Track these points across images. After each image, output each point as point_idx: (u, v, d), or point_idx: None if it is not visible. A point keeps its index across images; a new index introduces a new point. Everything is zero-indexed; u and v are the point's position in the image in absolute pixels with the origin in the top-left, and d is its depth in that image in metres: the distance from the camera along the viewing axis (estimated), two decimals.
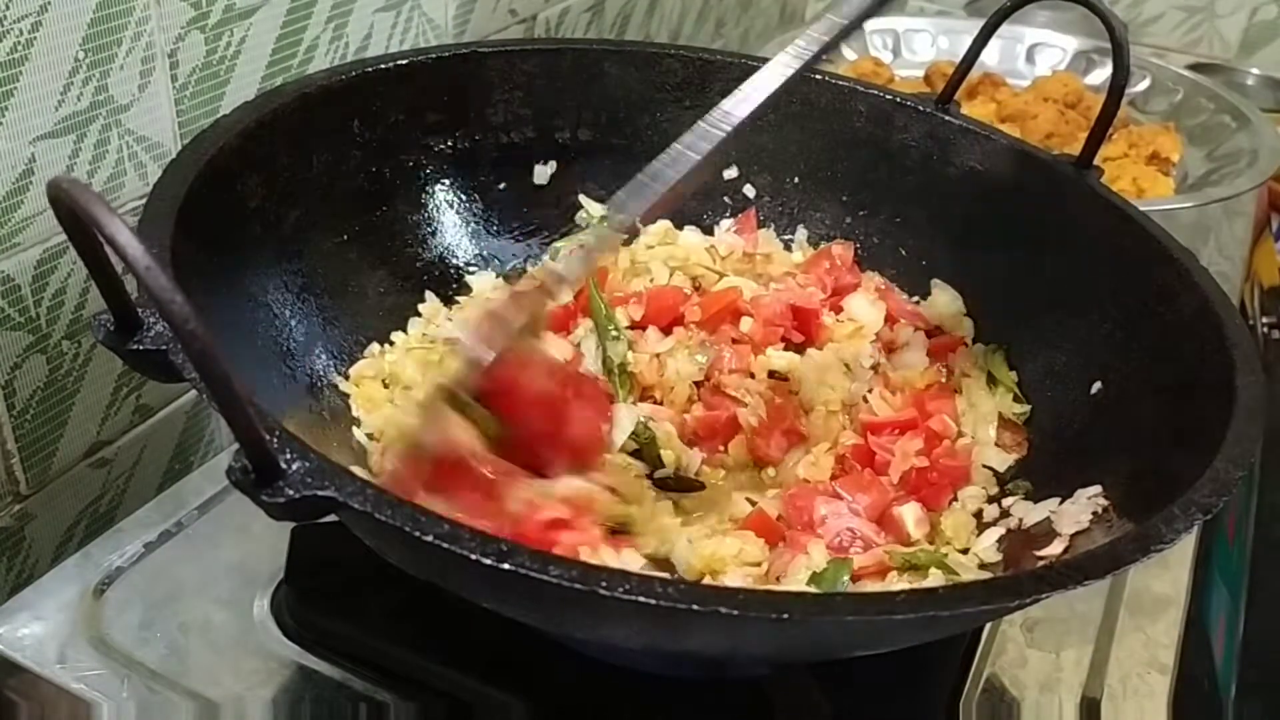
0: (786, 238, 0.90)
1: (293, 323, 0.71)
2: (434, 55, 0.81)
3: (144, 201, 0.60)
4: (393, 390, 0.75)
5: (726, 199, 0.90)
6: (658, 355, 0.77)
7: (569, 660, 0.64)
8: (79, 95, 0.71)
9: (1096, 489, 0.65)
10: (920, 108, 0.86)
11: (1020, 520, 0.68)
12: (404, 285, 0.81)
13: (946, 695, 0.68)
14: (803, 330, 0.80)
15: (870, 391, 0.77)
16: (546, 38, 1.14)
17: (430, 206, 0.83)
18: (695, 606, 0.44)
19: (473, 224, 0.85)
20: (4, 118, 0.67)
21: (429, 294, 0.82)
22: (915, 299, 0.85)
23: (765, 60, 0.64)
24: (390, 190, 0.80)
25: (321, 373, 0.72)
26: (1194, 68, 1.45)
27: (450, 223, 0.84)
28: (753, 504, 0.70)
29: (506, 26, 1.09)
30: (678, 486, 0.73)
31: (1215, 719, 0.86)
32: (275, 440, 0.45)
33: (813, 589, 0.63)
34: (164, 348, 0.49)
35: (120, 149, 0.75)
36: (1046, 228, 0.79)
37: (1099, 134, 0.78)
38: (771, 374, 0.77)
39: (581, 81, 0.86)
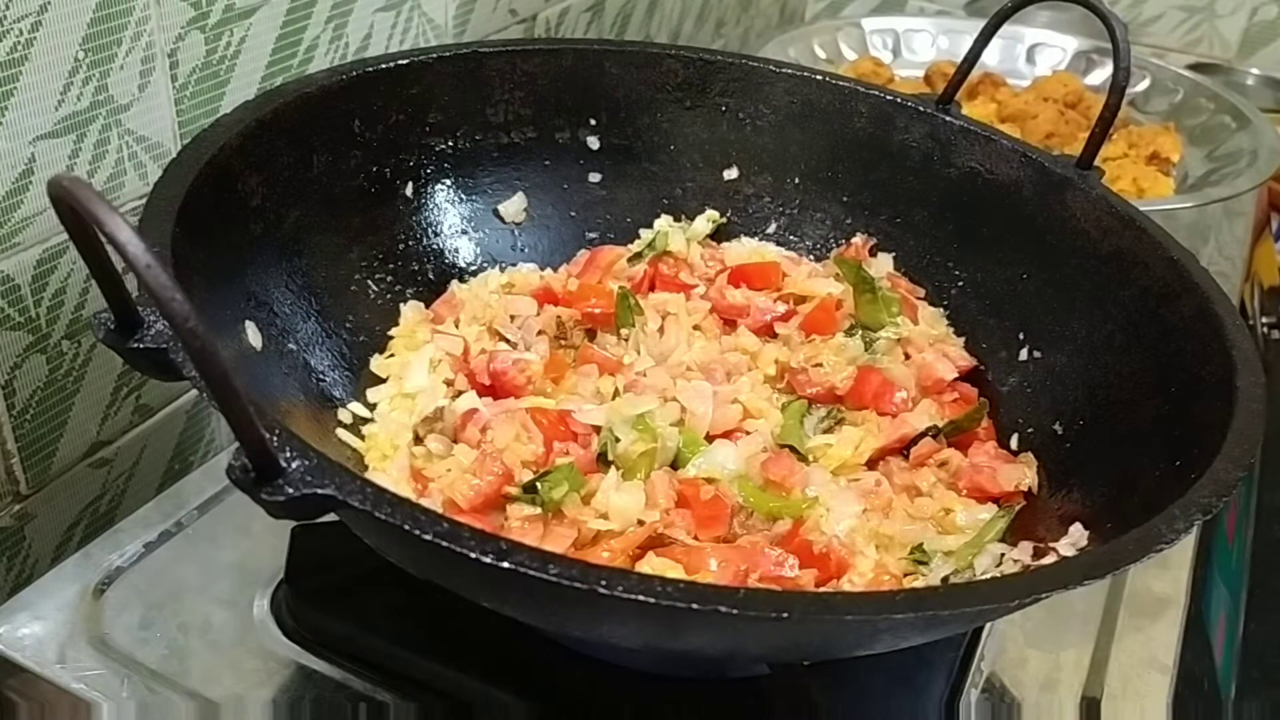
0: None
1: (293, 322, 0.71)
2: (434, 55, 0.81)
3: (144, 201, 0.60)
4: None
5: (726, 199, 0.90)
6: None
7: (569, 660, 0.64)
8: (79, 95, 0.71)
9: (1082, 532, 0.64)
10: (921, 108, 0.85)
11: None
12: (404, 285, 0.81)
13: (946, 695, 0.68)
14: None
15: None
16: (547, 38, 1.14)
17: (430, 207, 0.83)
18: (695, 605, 0.44)
19: (473, 224, 0.85)
20: (4, 118, 0.67)
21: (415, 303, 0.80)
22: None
23: (765, 60, 0.63)
24: (390, 190, 0.80)
25: (322, 372, 0.72)
26: (1194, 68, 1.45)
27: (450, 223, 0.84)
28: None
29: (506, 26, 1.09)
30: None
31: (1215, 719, 0.87)
32: (275, 439, 0.45)
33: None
34: (164, 346, 0.49)
35: (120, 149, 0.75)
36: (1047, 228, 0.79)
37: (1099, 134, 0.78)
38: None
39: (581, 81, 0.86)
